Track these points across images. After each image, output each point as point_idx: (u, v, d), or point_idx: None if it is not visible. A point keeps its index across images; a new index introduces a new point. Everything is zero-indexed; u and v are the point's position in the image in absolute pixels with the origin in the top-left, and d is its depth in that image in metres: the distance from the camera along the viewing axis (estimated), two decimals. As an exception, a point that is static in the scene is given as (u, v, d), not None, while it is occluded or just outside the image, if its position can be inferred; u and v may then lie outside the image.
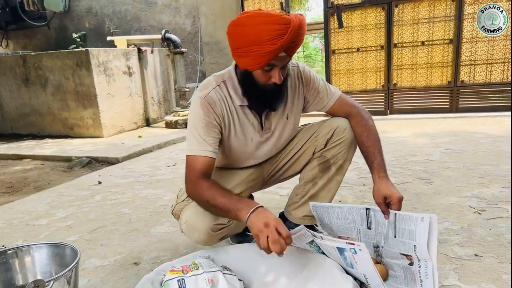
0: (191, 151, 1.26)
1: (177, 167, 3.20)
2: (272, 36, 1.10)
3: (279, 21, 1.11)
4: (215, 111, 1.28)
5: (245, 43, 1.15)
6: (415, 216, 1.15)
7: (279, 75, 1.20)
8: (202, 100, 1.28)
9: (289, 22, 1.10)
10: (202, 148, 1.25)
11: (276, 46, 1.11)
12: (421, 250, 1.13)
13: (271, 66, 1.18)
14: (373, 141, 1.37)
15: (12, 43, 7.98)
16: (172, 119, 5.15)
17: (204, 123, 1.26)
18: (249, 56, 1.16)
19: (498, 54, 4.42)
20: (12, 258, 1.18)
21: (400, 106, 4.94)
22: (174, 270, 1.17)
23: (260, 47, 1.12)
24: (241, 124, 1.35)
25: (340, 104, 1.45)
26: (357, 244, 1.07)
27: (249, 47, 1.14)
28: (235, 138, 1.36)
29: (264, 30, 1.11)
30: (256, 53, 1.14)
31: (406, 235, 1.17)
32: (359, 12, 4.81)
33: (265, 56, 1.13)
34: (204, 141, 1.25)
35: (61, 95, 4.91)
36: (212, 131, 1.27)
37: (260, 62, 1.16)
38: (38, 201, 2.58)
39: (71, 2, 7.18)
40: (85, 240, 1.88)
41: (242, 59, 1.20)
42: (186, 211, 1.33)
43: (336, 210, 1.35)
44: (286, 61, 1.21)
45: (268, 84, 1.23)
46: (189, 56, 6.29)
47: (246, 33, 1.14)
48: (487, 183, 2.21)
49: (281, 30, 1.10)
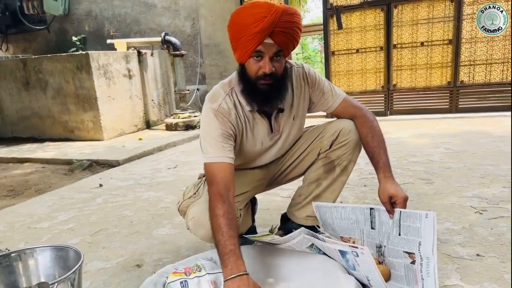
0: (210, 158, 1.26)
1: (178, 169, 3.21)
2: (255, 19, 1.15)
3: (263, 6, 1.16)
4: (230, 120, 1.29)
5: (234, 31, 1.21)
6: (419, 213, 1.16)
7: (268, 64, 1.20)
8: (215, 112, 1.29)
9: (272, 6, 1.15)
10: (222, 155, 1.25)
11: (258, 28, 1.14)
12: (426, 246, 1.14)
13: (259, 53, 1.20)
14: (378, 142, 1.38)
15: (12, 47, 8.00)
16: (172, 122, 5.16)
17: (221, 132, 1.27)
18: (239, 45, 1.21)
19: (497, 54, 4.43)
20: (16, 261, 1.19)
21: (400, 106, 4.95)
22: (177, 272, 1.17)
23: (245, 31, 1.16)
24: (253, 129, 1.36)
25: (344, 106, 1.46)
26: (360, 248, 1.07)
27: (238, 34, 1.19)
28: (246, 142, 1.37)
29: (248, 14, 1.17)
30: (243, 39, 1.18)
31: (411, 232, 1.18)
32: (358, 13, 4.82)
33: (250, 41, 1.16)
34: (223, 147, 1.26)
35: (61, 98, 4.92)
36: (229, 139, 1.29)
37: (248, 49, 1.19)
38: (39, 204, 2.58)
39: (71, 6, 7.20)
40: (87, 242, 1.88)
41: (236, 52, 1.24)
42: (193, 207, 1.35)
43: (340, 210, 1.36)
44: (274, 49, 1.20)
45: (259, 76, 1.22)
46: (189, 58, 6.30)
47: (235, 20, 1.21)
48: (487, 183, 2.21)
49: (263, 13, 1.14)
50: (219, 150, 1.25)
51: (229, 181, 1.23)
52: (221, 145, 1.25)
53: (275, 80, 1.24)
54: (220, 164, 1.24)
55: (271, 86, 1.25)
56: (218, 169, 1.23)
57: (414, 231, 1.17)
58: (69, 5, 7.17)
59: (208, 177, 1.25)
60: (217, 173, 1.22)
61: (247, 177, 1.45)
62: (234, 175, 1.42)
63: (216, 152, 1.25)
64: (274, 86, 1.26)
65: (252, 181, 1.46)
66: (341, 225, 1.36)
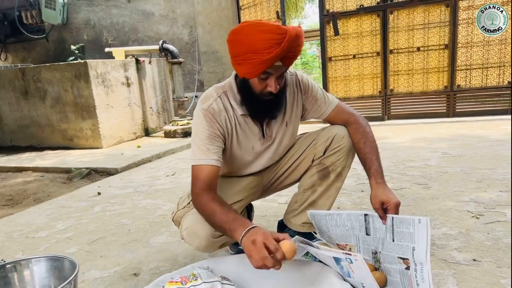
0: (196, 161, 1.28)
1: (176, 177, 3.21)
2: (269, 45, 1.13)
3: (276, 31, 1.14)
4: (218, 121, 1.31)
5: (243, 51, 1.19)
6: (412, 218, 1.16)
7: (275, 84, 1.22)
8: (204, 111, 1.30)
9: (286, 32, 1.13)
10: (207, 157, 1.27)
11: (272, 54, 1.13)
12: (420, 252, 1.14)
13: (267, 74, 1.21)
14: (370, 148, 1.39)
15: (11, 56, 8.04)
16: (171, 129, 5.17)
17: (208, 133, 1.28)
18: (247, 64, 1.19)
19: (493, 58, 4.46)
20: (11, 272, 1.19)
21: (397, 111, 4.96)
22: (173, 281, 1.17)
23: (256, 55, 1.15)
24: (244, 133, 1.37)
25: (337, 112, 1.47)
26: (353, 255, 1.08)
27: (247, 55, 1.18)
28: (237, 147, 1.38)
29: (261, 39, 1.14)
30: (253, 61, 1.17)
31: (404, 238, 1.18)
32: (355, 20, 4.86)
33: (261, 64, 1.16)
34: (208, 150, 1.27)
35: (60, 107, 4.94)
36: (216, 141, 1.30)
37: (257, 70, 1.19)
38: (37, 213, 2.58)
39: (69, 15, 7.24)
40: (84, 251, 1.88)
41: (240, 67, 1.23)
42: (187, 217, 1.35)
43: (335, 217, 1.35)
44: (282, 70, 1.23)
45: (264, 93, 1.25)
46: (187, 65, 6.33)
47: (245, 41, 1.18)
48: (484, 187, 2.21)
49: (278, 40, 1.13)
50: (204, 152, 1.27)
51: (213, 179, 1.26)
52: (206, 148, 1.27)
53: (278, 94, 1.27)
54: (205, 166, 1.26)
55: (273, 100, 1.28)
56: (201, 170, 1.25)
57: (407, 236, 1.17)
58: (67, 14, 7.21)
59: (192, 179, 1.27)
60: (199, 174, 1.25)
61: (241, 185, 1.45)
62: (228, 182, 1.43)
63: (201, 155, 1.27)
64: (276, 100, 1.30)
65: (246, 188, 1.46)
66: (336, 232, 1.36)
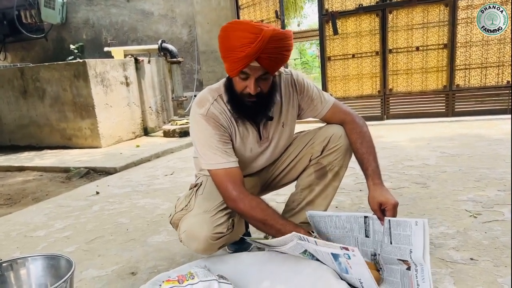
0: (217, 165, 1.26)
1: (174, 176, 3.21)
2: (242, 43, 1.15)
3: (251, 30, 1.15)
4: (221, 124, 1.30)
5: (224, 48, 1.22)
6: (409, 221, 1.16)
7: (254, 86, 1.21)
8: (206, 117, 1.29)
9: (260, 32, 1.13)
10: (227, 160, 1.27)
11: (244, 53, 1.14)
12: (417, 254, 1.14)
13: (245, 74, 1.20)
14: (367, 148, 1.38)
15: (10, 56, 8.03)
16: (170, 128, 5.17)
17: (218, 138, 1.28)
18: (227, 62, 1.22)
19: (492, 58, 4.46)
20: (7, 271, 1.19)
21: (396, 111, 4.96)
22: (170, 280, 1.17)
23: (232, 53, 1.17)
24: (241, 135, 1.37)
25: (334, 111, 1.46)
26: (351, 249, 1.08)
27: (226, 52, 1.20)
28: (236, 149, 1.38)
29: (237, 37, 1.16)
30: (230, 58, 1.19)
31: (401, 240, 1.18)
32: (354, 19, 4.85)
33: (236, 62, 1.17)
34: (226, 152, 1.27)
35: (59, 106, 4.93)
36: (227, 143, 1.30)
37: (234, 69, 1.20)
38: (36, 212, 2.58)
39: (68, 14, 7.24)
40: (82, 250, 1.88)
41: (225, 64, 1.25)
42: (185, 220, 1.34)
43: (334, 219, 1.35)
44: (260, 72, 1.21)
45: (244, 94, 1.25)
46: (186, 65, 6.33)
47: (225, 38, 1.21)
48: (483, 187, 2.21)
49: (251, 38, 1.14)
50: (223, 156, 1.27)
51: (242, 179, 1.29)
52: (223, 151, 1.27)
53: (260, 98, 1.26)
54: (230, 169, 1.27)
55: (256, 104, 1.27)
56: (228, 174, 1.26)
57: (404, 239, 1.17)
58: (66, 13, 7.21)
59: (220, 185, 1.27)
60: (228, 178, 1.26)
61: None
62: None
63: (220, 159, 1.27)
64: (260, 104, 1.28)
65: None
66: (335, 233, 1.36)
